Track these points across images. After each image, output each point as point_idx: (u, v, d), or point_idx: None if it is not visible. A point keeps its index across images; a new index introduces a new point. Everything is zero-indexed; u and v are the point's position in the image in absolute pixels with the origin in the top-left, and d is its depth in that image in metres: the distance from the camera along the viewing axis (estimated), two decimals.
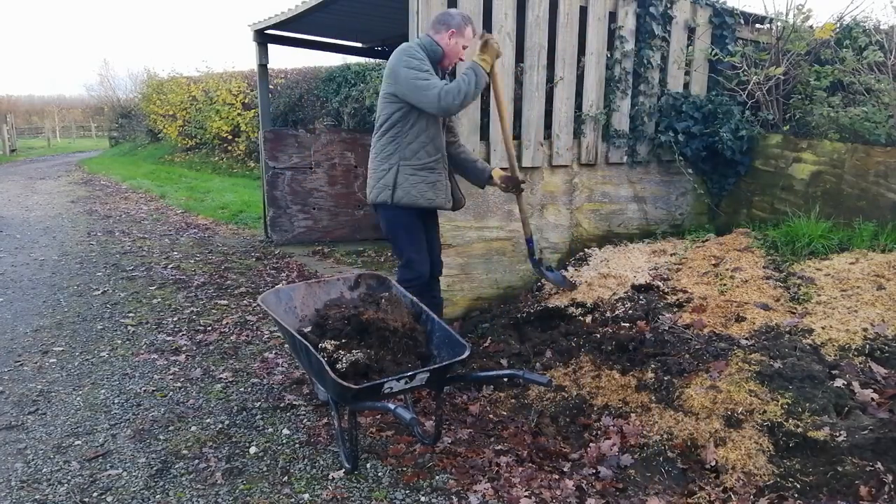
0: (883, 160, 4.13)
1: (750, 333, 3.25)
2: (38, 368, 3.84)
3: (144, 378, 3.72)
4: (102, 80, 38.56)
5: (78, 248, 7.23)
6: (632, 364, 3.31)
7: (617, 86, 4.70)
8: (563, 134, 4.53)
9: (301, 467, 2.80)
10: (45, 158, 22.90)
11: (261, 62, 7.28)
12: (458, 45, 3.24)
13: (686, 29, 4.91)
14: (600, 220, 4.84)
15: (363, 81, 12.10)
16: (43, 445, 2.96)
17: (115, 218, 9.38)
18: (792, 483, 2.44)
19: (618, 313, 3.73)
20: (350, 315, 2.88)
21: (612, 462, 2.73)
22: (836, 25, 4.89)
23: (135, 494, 2.59)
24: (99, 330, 4.52)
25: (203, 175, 15.23)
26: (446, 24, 3.21)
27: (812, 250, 3.96)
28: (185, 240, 7.82)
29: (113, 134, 26.25)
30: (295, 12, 5.91)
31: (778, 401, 2.74)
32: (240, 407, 3.37)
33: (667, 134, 4.80)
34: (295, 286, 3.17)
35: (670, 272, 4.10)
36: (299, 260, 6.69)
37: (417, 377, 2.58)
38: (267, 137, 7.26)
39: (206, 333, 4.47)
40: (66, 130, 39.08)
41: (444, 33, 3.21)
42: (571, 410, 3.14)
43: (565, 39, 4.41)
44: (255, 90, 9.77)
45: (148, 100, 18.94)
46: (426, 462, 2.82)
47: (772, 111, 4.92)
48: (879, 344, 2.96)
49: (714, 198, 5.14)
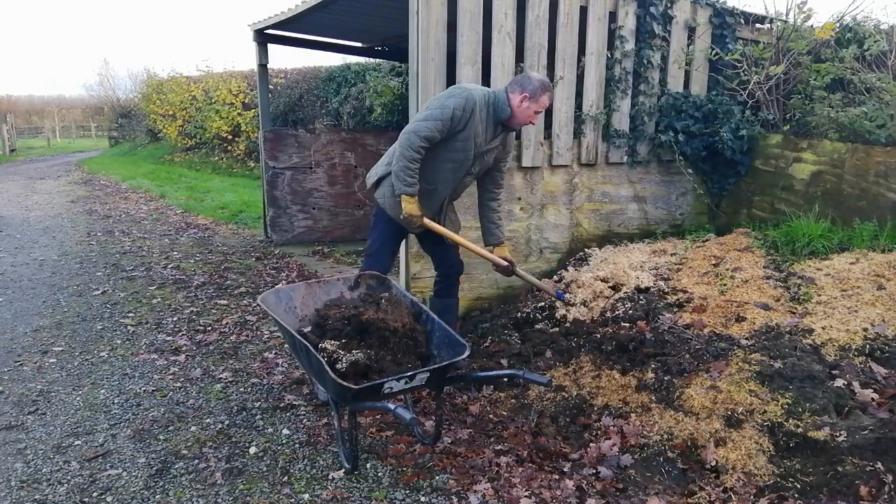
0: (883, 160, 4.13)
1: (750, 333, 3.24)
2: (37, 368, 3.84)
3: (144, 378, 3.72)
4: (102, 79, 38.57)
5: (78, 247, 7.23)
6: (632, 364, 3.30)
7: (617, 86, 4.70)
8: (563, 134, 4.53)
9: (301, 467, 2.80)
10: (44, 158, 22.90)
11: (261, 62, 7.28)
12: (528, 109, 3.24)
13: (686, 28, 4.90)
14: (600, 219, 4.84)
15: (363, 81, 12.09)
16: (43, 445, 2.96)
17: (115, 218, 9.38)
18: (792, 483, 2.44)
19: (618, 313, 3.73)
20: (350, 315, 2.88)
21: (613, 462, 2.73)
22: (836, 25, 4.88)
23: (135, 494, 2.59)
24: (99, 330, 4.52)
25: (203, 175, 15.23)
26: (521, 86, 3.22)
27: (812, 250, 3.96)
28: (185, 240, 7.82)
29: (113, 134, 26.24)
30: (295, 12, 5.91)
31: (778, 401, 2.74)
32: (240, 407, 3.36)
33: (667, 134, 4.80)
34: (295, 286, 3.17)
35: (670, 272, 4.10)
36: (299, 260, 6.69)
37: (417, 377, 2.57)
38: (267, 137, 7.26)
39: (205, 333, 4.47)
40: (66, 130, 39.08)
41: (518, 94, 3.22)
42: (571, 410, 3.14)
43: (565, 39, 4.41)
44: (255, 90, 9.77)
45: (148, 100, 18.93)
46: (426, 462, 2.82)
47: (772, 111, 4.92)
48: (879, 344, 2.96)
49: (714, 198, 5.14)
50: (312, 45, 7.68)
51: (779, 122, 4.90)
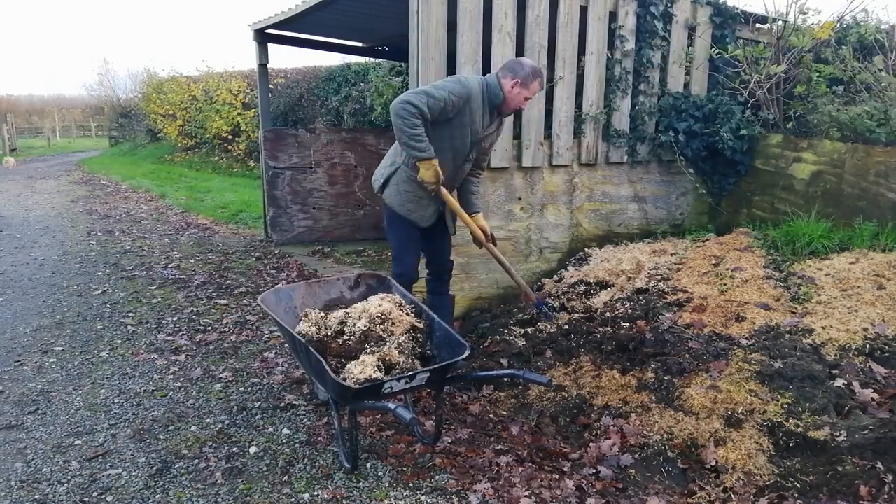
0: (883, 160, 4.13)
1: (750, 333, 3.24)
2: (37, 368, 3.84)
3: (144, 378, 3.72)
4: (102, 79, 38.57)
5: (78, 247, 7.23)
6: (632, 364, 3.30)
7: (617, 85, 4.70)
8: (564, 133, 4.53)
9: (301, 467, 2.80)
10: (45, 158, 22.91)
11: (261, 62, 7.27)
12: (520, 94, 3.28)
13: (686, 28, 4.90)
14: (600, 219, 4.84)
15: (363, 81, 12.11)
16: (43, 445, 2.96)
17: (115, 217, 9.38)
18: (792, 483, 2.44)
19: (618, 313, 3.73)
20: None
21: (612, 462, 2.73)
22: (836, 25, 4.88)
23: (135, 494, 2.59)
24: (99, 330, 4.52)
25: (203, 175, 15.23)
26: (513, 71, 3.26)
27: (812, 250, 3.96)
28: (185, 239, 7.82)
29: (113, 133, 26.24)
30: (295, 12, 5.91)
31: (778, 401, 2.74)
32: (240, 407, 3.37)
33: (667, 134, 4.80)
34: (295, 286, 3.17)
35: (670, 272, 4.10)
36: (299, 259, 6.69)
37: (417, 377, 2.57)
38: (267, 137, 7.26)
39: (205, 333, 4.47)
40: (66, 130, 39.05)
41: (510, 80, 3.26)
42: (571, 410, 3.14)
43: (565, 39, 4.41)
44: (256, 90, 9.76)
45: (148, 99, 18.94)
46: (426, 462, 2.82)
47: (772, 111, 4.92)
48: (879, 344, 2.96)
49: (714, 197, 5.14)
50: (313, 45, 7.67)
51: (779, 121, 4.90)
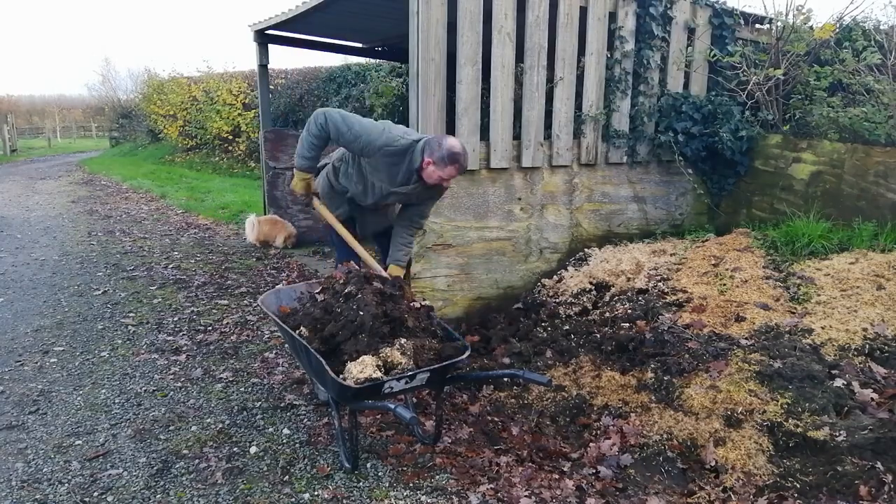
0: (882, 160, 4.13)
1: (750, 333, 3.25)
2: (38, 368, 3.84)
3: (145, 378, 3.73)
4: (103, 79, 38.49)
5: (78, 248, 7.23)
6: (632, 364, 3.31)
7: (617, 86, 4.70)
8: (563, 134, 4.53)
9: (301, 467, 2.80)
10: (45, 158, 22.89)
11: (261, 62, 7.29)
12: (434, 173, 3.09)
13: (686, 29, 4.91)
14: (600, 220, 4.85)
15: (363, 81, 12.11)
16: (43, 445, 2.96)
17: (116, 218, 9.38)
18: (792, 483, 2.44)
19: (617, 313, 3.73)
20: None
21: (612, 462, 2.73)
22: (836, 26, 4.89)
23: (135, 494, 2.60)
24: (99, 330, 4.53)
25: (203, 175, 15.23)
26: (432, 150, 3.08)
27: (812, 250, 3.97)
28: (186, 240, 7.82)
29: (113, 134, 26.23)
30: (295, 12, 5.92)
31: (778, 401, 2.74)
32: (240, 407, 3.37)
33: (667, 134, 4.81)
34: (295, 286, 3.17)
35: (670, 272, 4.10)
36: (299, 260, 6.69)
37: (417, 377, 2.58)
38: (267, 137, 7.27)
39: (206, 333, 4.47)
40: (67, 130, 39.07)
41: (426, 156, 3.09)
42: (571, 410, 3.14)
43: (565, 40, 4.42)
44: (256, 90, 9.77)
45: (148, 100, 18.94)
46: (426, 462, 2.83)
47: (771, 111, 4.93)
48: (879, 344, 2.97)
49: (714, 198, 5.15)
50: (313, 46, 7.68)
51: (778, 122, 4.91)
